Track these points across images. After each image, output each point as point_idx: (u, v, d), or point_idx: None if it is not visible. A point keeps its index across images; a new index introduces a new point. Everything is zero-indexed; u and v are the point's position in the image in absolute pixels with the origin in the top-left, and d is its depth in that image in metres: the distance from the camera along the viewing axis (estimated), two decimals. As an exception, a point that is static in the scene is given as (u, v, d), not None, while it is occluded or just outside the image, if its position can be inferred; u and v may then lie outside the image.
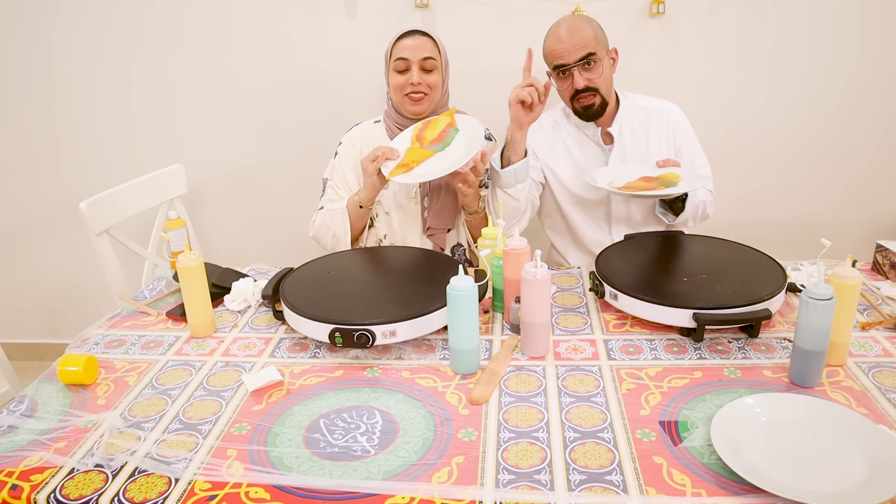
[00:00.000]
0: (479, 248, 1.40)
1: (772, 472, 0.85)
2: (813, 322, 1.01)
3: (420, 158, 1.53)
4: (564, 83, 1.58)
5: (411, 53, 1.58)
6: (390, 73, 1.63)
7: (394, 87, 1.62)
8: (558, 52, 1.55)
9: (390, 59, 1.62)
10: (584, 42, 1.52)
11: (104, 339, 1.32)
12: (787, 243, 2.17)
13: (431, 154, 1.54)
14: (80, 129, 2.29)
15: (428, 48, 1.59)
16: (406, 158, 1.53)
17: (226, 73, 2.17)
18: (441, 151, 1.54)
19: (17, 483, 0.90)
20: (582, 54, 1.52)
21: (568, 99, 1.61)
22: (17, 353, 2.58)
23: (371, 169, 1.52)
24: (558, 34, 1.55)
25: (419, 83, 1.59)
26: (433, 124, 1.58)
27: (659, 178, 1.51)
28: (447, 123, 1.58)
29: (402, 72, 1.60)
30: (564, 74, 1.57)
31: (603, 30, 1.59)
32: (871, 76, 2.00)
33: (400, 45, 1.60)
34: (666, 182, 1.49)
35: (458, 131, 1.57)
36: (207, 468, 0.91)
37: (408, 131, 1.60)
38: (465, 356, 1.12)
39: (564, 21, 1.58)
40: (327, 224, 1.65)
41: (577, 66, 1.54)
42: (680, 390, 1.05)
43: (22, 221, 2.43)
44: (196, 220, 2.31)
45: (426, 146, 1.55)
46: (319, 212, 1.69)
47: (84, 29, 2.16)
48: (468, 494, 0.85)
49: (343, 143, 1.72)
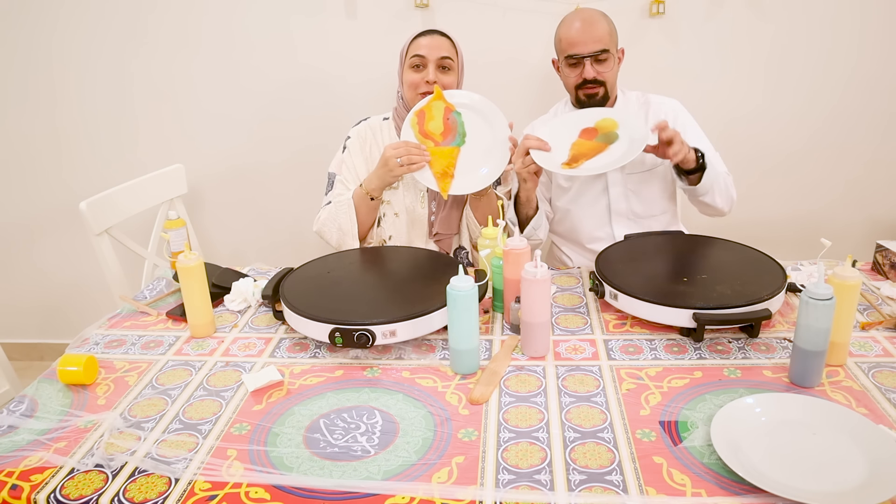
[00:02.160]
0: (479, 248, 1.39)
1: (772, 472, 0.85)
2: (813, 322, 1.01)
3: (451, 161, 1.51)
4: (574, 71, 1.60)
5: (428, 52, 1.57)
6: (405, 69, 1.61)
7: (408, 84, 1.60)
8: (574, 40, 1.56)
9: (406, 56, 1.60)
10: (601, 37, 1.55)
11: (104, 339, 1.32)
12: (787, 243, 2.17)
13: (456, 151, 1.52)
14: (82, 129, 2.29)
15: (445, 48, 1.58)
16: (437, 166, 1.51)
17: (226, 72, 2.17)
18: (464, 145, 1.53)
19: (17, 483, 0.90)
20: (597, 48, 1.55)
21: (573, 87, 1.62)
22: (17, 353, 2.58)
23: (399, 172, 1.50)
24: (576, 24, 1.57)
25: (435, 82, 1.57)
26: (429, 113, 1.55)
27: (596, 127, 1.52)
28: (444, 108, 1.55)
29: (418, 69, 1.58)
30: (575, 63, 1.58)
31: (615, 28, 1.61)
32: (870, 75, 2.00)
33: (417, 43, 1.58)
34: (603, 130, 1.51)
35: (461, 114, 1.56)
36: (207, 468, 0.91)
37: (407, 129, 1.55)
38: (465, 356, 1.12)
39: (582, 12, 1.59)
40: (333, 217, 1.62)
41: (589, 58, 1.55)
42: (680, 390, 1.05)
43: (22, 221, 2.44)
44: (196, 220, 2.31)
45: (442, 143, 1.53)
46: (325, 207, 1.67)
47: (86, 30, 2.16)
48: (468, 494, 0.85)
49: (352, 137, 1.70)
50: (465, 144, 1.54)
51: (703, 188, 1.53)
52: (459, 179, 1.52)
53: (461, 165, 1.53)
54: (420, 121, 1.56)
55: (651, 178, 1.66)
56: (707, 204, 1.58)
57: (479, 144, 1.54)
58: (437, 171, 1.51)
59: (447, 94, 1.57)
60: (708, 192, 1.55)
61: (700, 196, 1.56)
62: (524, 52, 2.01)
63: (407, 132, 1.56)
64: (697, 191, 1.54)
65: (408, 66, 1.60)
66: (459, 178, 1.52)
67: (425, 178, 1.52)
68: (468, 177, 1.52)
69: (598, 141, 1.52)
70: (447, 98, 1.56)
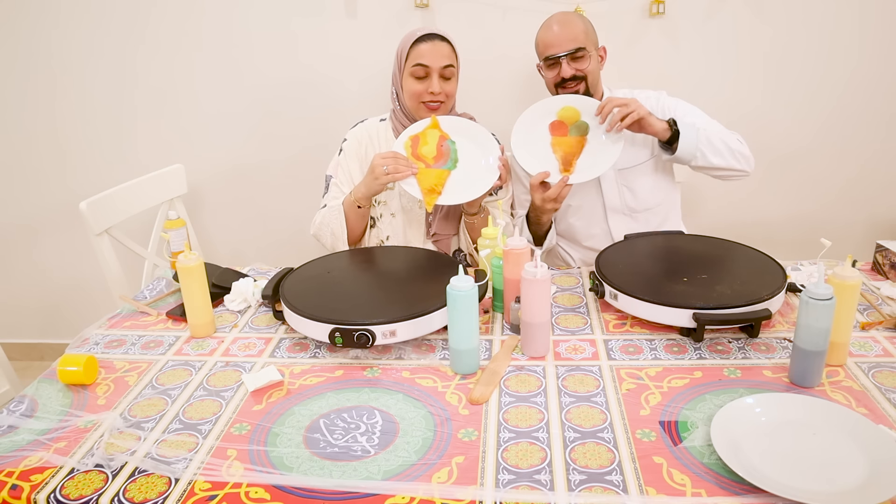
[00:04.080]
0: (479, 248, 1.39)
1: (772, 472, 0.85)
2: (813, 322, 1.01)
3: (440, 181, 1.52)
4: (552, 72, 1.62)
5: (431, 61, 1.54)
6: (406, 77, 1.58)
7: (410, 93, 1.58)
8: (550, 41, 1.59)
9: (405, 62, 1.57)
10: (575, 35, 1.56)
11: (104, 339, 1.32)
12: (787, 243, 2.17)
13: (446, 174, 1.53)
14: (82, 129, 2.29)
15: (447, 55, 1.56)
16: (425, 183, 1.51)
17: (226, 72, 2.17)
18: (455, 169, 1.54)
19: (17, 483, 0.90)
20: (572, 47, 1.56)
21: (553, 87, 1.64)
22: (17, 353, 2.58)
23: (384, 180, 1.49)
24: (551, 26, 1.60)
25: (440, 93, 1.56)
26: (423, 139, 1.55)
27: (561, 119, 1.56)
28: (439, 137, 1.55)
29: (421, 79, 1.56)
30: (553, 64, 1.60)
31: (594, 28, 1.63)
32: (870, 75, 2.00)
33: (419, 51, 1.55)
34: (570, 122, 1.56)
35: (454, 142, 1.56)
36: (207, 468, 0.91)
37: (399, 150, 1.54)
38: (465, 356, 1.12)
39: (557, 15, 1.63)
40: (327, 222, 1.63)
41: (565, 57, 1.57)
42: (680, 390, 1.05)
43: (23, 221, 2.44)
44: (196, 220, 2.31)
45: (433, 165, 1.53)
46: (321, 210, 1.67)
47: (86, 30, 2.16)
48: (468, 494, 0.85)
49: (348, 140, 1.69)
50: (456, 169, 1.55)
51: (685, 152, 1.51)
52: (445, 196, 1.52)
53: (449, 186, 1.53)
54: (413, 144, 1.55)
55: (641, 172, 1.67)
56: (710, 168, 1.54)
57: (470, 170, 1.54)
58: (425, 187, 1.51)
59: (442, 122, 1.57)
60: (696, 156, 1.52)
61: (691, 162, 1.54)
62: (524, 52, 2.00)
63: (399, 146, 1.56)
64: (682, 157, 1.52)
65: (408, 73, 1.57)
66: (445, 196, 1.52)
67: (411, 188, 1.52)
68: (454, 195, 1.52)
69: (573, 136, 1.56)
70: (442, 127, 1.56)
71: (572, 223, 1.74)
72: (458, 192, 1.52)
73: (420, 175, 1.52)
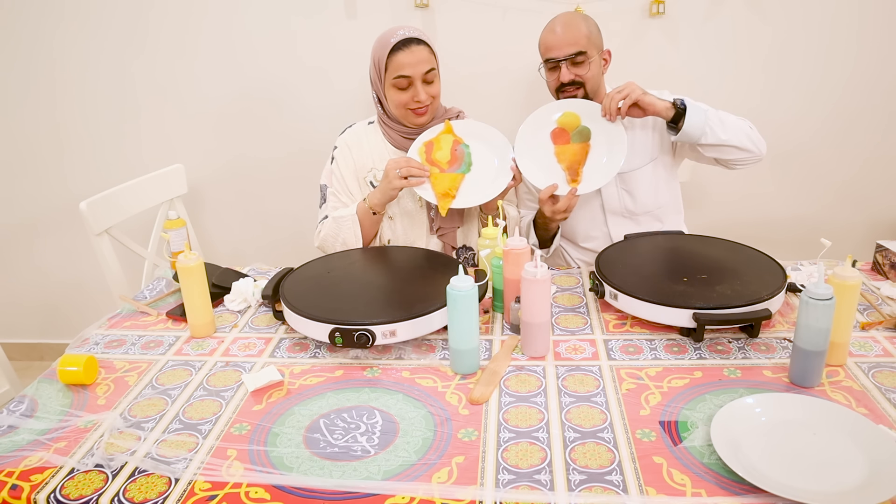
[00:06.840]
0: (479, 248, 1.39)
1: (772, 472, 0.85)
2: (813, 322, 1.01)
3: (454, 185, 1.52)
4: (552, 75, 1.61)
5: (413, 70, 1.51)
6: (389, 88, 1.55)
7: (396, 104, 1.56)
8: (550, 44, 1.57)
9: (385, 73, 1.54)
10: (576, 39, 1.54)
11: (104, 339, 1.32)
12: (787, 243, 2.17)
13: (460, 178, 1.54)
14: (82, 129, 2.29)
15: (426, 59, 1.52)
16: (439, 187, 1.52)
17: (226, 72, 2.17)
18: (469, 172, 1.55)
19: (17, 483, 0.90)
20: (572, 51, 1.54)
21: (553, 90, 1.63)
22: (17, 353, 2.58)
23: (399, 185, 1.49)
24: (553, 28, 1.58)
25: (425, 98, 1.55)
26: (437, 145, 1.56)
27: (562, 127, 1.56)
28: (453, 142, 1.56)
29: (404, 90, 1.54)
30: (553, 67, 1.59)
31: (599, 30, 1.61)
32: (870, 75, 2.00)
33: (398, 62, 1.51)
34: (571, 128, 1.55)
35: (468, 146, 1.57)
36: (207, 468, 0.92)
37: (414, 156, 1.55)
38: (465, 356, 1.12)
39: (562, 16, 1.60)
40: (334, 234, 1.61)
41: (565, 62, 1.56)
42: (680, 390, 1.05)
43: (23, 221, 2.44)
44: (196, 220, 2.31)
45: (448, 170, 1.54)
46: (324, 222, 1.65)
47: (87, 30, 2.16)
48: (468, 494, 0.85)
49: (339, 148, 1.68)
50: (471, 172, 1.55)
51: (693, 128, 1.47)
52: (460, 199, 1.53)
53: (464, 189, 1.54)
54: (427, 150, 1.56)
55: (640, 175, 1.67)
56: (720, 144, 1.49)
57: (484, 173, 1.55)
58: (439, 192, 1.52)
59: (455, 126, 1.57)
60: (706, 132, 1.47)
61: (700, 140, 1.49)
62: (524, 52, 2.01)
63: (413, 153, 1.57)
64: (690, 133, 1.48)
65: (390, 84, 1.54)
66: (460, 199, 1.53)
67: (425, 192, 1.53)
68: (469, 198, 1.53)
69: (575, 143, 1.55)
70: (456, 132, 1.57)
71: (572, 225, 1.74)
72: (472, 195, 1.53)
73: (434, 179, 1.53)
